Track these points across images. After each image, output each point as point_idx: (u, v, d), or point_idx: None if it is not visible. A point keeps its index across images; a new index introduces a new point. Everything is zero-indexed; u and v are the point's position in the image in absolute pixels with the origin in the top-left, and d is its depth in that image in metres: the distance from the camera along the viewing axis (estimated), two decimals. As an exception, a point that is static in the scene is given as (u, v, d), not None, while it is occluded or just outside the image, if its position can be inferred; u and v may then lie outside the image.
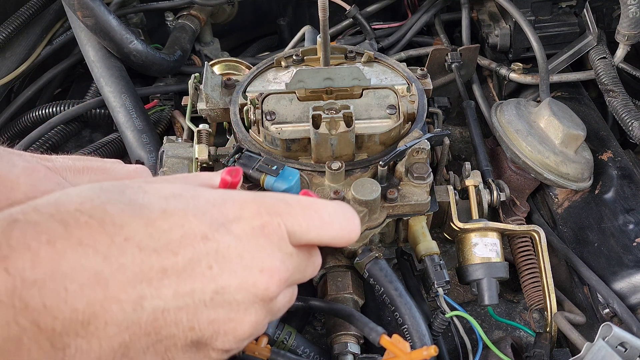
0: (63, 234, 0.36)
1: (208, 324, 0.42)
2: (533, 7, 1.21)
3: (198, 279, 0.41)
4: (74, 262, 0.36)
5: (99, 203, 0.39)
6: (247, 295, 0.43)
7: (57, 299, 0.35)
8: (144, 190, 0.42)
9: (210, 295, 0.41)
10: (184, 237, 0.41)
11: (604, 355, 0.68)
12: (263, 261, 0.44)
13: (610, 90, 1.05)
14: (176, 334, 0.41)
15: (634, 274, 0.84)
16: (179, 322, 0.40)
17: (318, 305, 0.78)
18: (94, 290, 0.36)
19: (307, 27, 1.22)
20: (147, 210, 0.40)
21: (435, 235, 0.95)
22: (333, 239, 0.50)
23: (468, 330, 0.77)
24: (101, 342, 0.37)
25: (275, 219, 0.46)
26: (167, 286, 0.39)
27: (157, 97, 1.23)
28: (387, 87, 0.86)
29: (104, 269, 0.37)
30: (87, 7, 1.05)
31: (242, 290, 0.43)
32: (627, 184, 0.96)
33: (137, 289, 0.38)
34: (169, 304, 0.39)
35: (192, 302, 0.41)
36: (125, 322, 0.38)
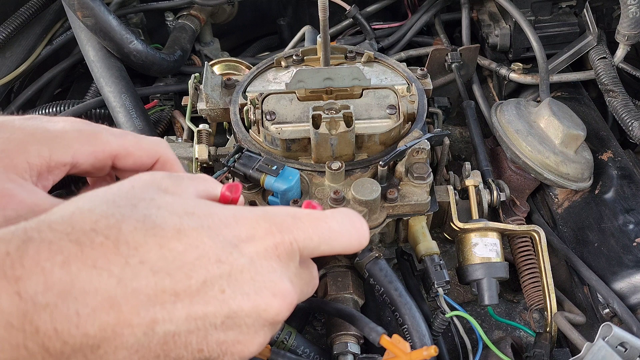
0: (78, 255, 0.36)
1: (217, 346, 0.42)
2: (533, 7, 1.21)
3: (211, 303, 0.41)
4: (88, 285, 0.35)
5: (114, 222, 0.38)
6: (258, 320, 0.44)
7: (69, 324, 0.34)
8: (157, 205, 0.42)
9: (222, 319, 0.41)
10: (198, 259, 0.40)
11: (604, 355, 0.68)
12: (275, 284, 0.44)
13: (610, 90, 1.05)
14: (185, 355, 0.40)
15: (634, 274, 0.84)
16: (189, 345, 0.40)
17: (318, 305, 0.78)
18: (106, 314, 0.36)
19: (307, 27, 1.22)
20: (162, 230, 0.40)
21: (435, 235, 0.95)
22: (344, 248, 0.50)
23: (468, 330, 0.77)
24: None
25: (287, 236, 0.46)
26: (179, 310, 0.39)
27: (157, 97, 1.23)
28: (387, 87, 0.86)
29: (118, 292, 0.36)
30: (87, 7, 1.05)
31: (254, 315, 0.43)
32: (627, 184, 0.96)
33: (149, 313, 0.38)
34: (180, 327, 0.39)
35: (203, 325, 0.40)
36: (136, 346, 0.37)
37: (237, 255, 0.43)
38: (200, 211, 0.44)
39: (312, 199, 0.79)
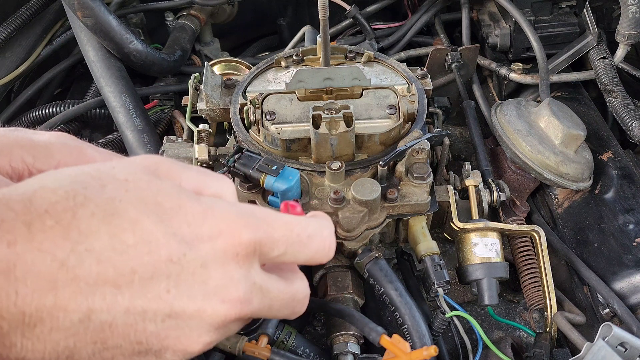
0: (26, 236, 0.36)
1: (157, 341, 0.41)
2: (533, 7, 1.21)
3: (153, 300, 0.40)
4: (30, 266, 0.36)
5: (71, 205, 0.38)
6: (202, 323, 0.43)
7: (7, 301, 0.35)
8: (126, 187, 0.41)
9: (162, 317, 0.41)
10: (148, 254, 0.40)
11: (604, 355, 0.68)
12: (227, 290, 0.43)
13: (610, 90, 1.05)
14: (123, 345, 0.40)
15: (634, 274, 0.84)
16: (126, 336, 0.40)
17: (318, 306, 0.78)
18: (44, 297, 0.36)
19: (307, 27, 1.22)
20: (118, 219, 0.40)
21: (435, 235, 0.95)
22: (308, 260, 0.49)
23: (468, 330, 0.77)
24: (46, 344, 0.37)
25: (253, 236, 0.44)
26: (118, 302, 0.39)
27: (157, 97, 1.23)
28: (387, 87, 0.86)
29: (59, 277, 0.37)
30: (87, 7, 1.05)
31: (197, 318, 0.42)
32: (627, 184, 0.96)
33: (87, 302, 0.38)
34: (117, 319, 0.39)
35: (142, 320, 0.40)
36: (72, 330, 0.38)
37: (192, 256, 0.42)
38: (169, 203, 0.43)
39: (312, 199, 0.79)
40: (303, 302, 0.52)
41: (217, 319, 0.43)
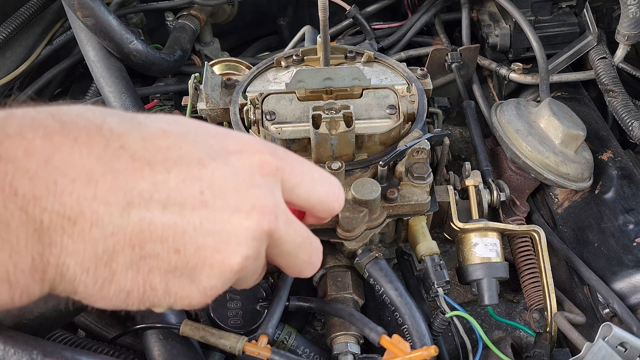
0: (60, 130, 0.36)
1: (195, 250, 0.41)
2: (533, 7, 1.21)
3: (188, 200, 0.40)
4: (68, 157, 0.36)
5: (99, 114, 0.39)
6: (239, 228, 0.42)
7: (47, 191, 0.35)
8: (146, 115, 0.43)
9: (200, 220, 0.40)
10: (180, 158, 0.41)
11: (604, 355, 0.68)
12: (257, 198, 0.43)
13: (610, 90, 1.05)
14: (161, 254, 0.39)
15: (634, 274, 0.84)
16: (165, 240, 0.39)
17: (318, 305, 0.78)
18: (84, 187, 0.36)
19: (307, 27, 1.22)
20: (147, 128, 0.41)
21: (435, 235, 0.95)
22: (320, 202, 0.50)
23: (468, 330, 0.77)
24: (86, 244, 0.37)
25: (275, 160, 0.45)
26: (156, 200, 0.39)
27: (157, 97, 1.23)
28: (387, 87, 0.86)
29: (97, 169, 0.37)
30: (87, 7, 1.04)
31: (234, 223, 0.42)
32: (627, 184, 0.96)
33: (126, 196, 0.38)
34: (156, 217, 0.39)
35: (180, 222, 0.40)
36: (111, 227, 0.37)
37: (222, 163, 0.42)
38: (191, 123, 0.44)
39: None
40: (319, 252, 0.52)
41: (252, 224, 0.43)
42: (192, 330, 0.67)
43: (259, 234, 0.43)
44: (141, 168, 0.39)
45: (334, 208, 0.51)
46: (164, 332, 0.68)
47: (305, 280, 0.89)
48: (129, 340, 0.78)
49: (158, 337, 0.67)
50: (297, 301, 0.78)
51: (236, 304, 0.76)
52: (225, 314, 0.75)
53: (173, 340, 0.67)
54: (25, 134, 0.35)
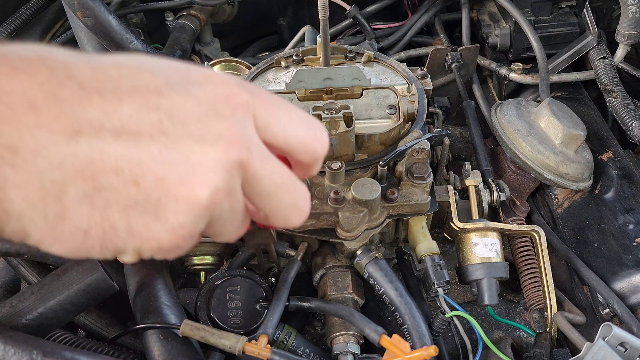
0: (2, 61, 0.34)
1: (155, 182, 0.37)
2: (533, 7, 1.21)
3: (145, 129, 0.37)
4: (6, 84, 0.34)
5: (46, 47, 0.37)
6: (205, 158, 0.38)
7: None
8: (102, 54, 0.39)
9: (159, 149, 0.37)
10: (134, 87, 0.37)
11: (604, 355, 0.68)
12: (225, 127, 0.39)
13: (610, 90, 1.05)
14: (117, 186, 0.36)
15: (634, 274, 0.84)
16: (120, 171, 0.36)
17: (318, 305, 0.78)
18: (24, 115, 0.34)
19: (307, 27, 1.22)
20: (97, 59, 0.38)
21: (435, 235, 0.95)
22: (300, 143, 0.45)
23: (468, 330, 0.77)
24: (30, 175, 0.34)
25: (244, 94, 0.41)
26: (107, 129, 0.36)
27: (157, 97, 1.23)
28: (387, 87, 0.86)
29: (39, 97, 0.34)
30: (87, 7, 1.04)
31: (198, 152, 0.38)
32: (627, 184, 0.96)
33: (73, 124, 0.35)
34: (108, 146, 0.36)
35: (136, 151, 0.36)
36: (58, 157, 0.34)
37: (182, 92, 0.39)
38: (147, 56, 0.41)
39: (312, 199, 0.79)
40: (305, 197, 0.47)
41: (219, 154, 0.39)
42: (192, 330, 0.67)
43: (229, 164, 0.39)
44: (89, 96, 0.36)
45: (317, 150, 0.46)
46: (164, 332, 0.68)
47: (305, 280, 0.90)
48: (129, 340, 0.78)
49: (158, 337, 0.67)
50: (297, 301, 0.78)
51: (236, 304, 0.76)
52: (225, 314, 0.75)
53: (173, 341, 0.67)
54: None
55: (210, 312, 0.75)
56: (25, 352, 0.58)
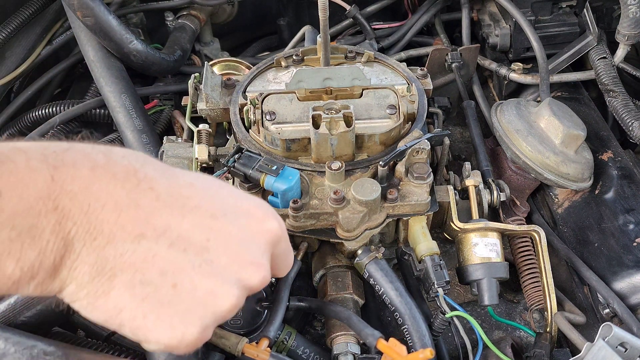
0: (104, 164, 0.44)
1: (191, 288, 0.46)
2: (533, 7, 1.21)
3: (195, 243, 0.46)
4: (104, 187, 0.44)
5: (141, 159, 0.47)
6: (233, 275, 0.48)
7: (80, 210, 0.43)
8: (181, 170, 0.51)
9: (200, 261, 0.46)
10: (196, 207, 0.47)
11: (604, 355, 0.68)
12: (255, 255, 0.50)
13: (611, 90, 1.05)
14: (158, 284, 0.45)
15: (634, 274, 0.84)
16: (165, 273, 0.45)
17: (317, 306, 0.78)
18: (109, 213, 0.43)
19: (307, 27, 1.22)
20: (176, 178, 0.48)
21: (435, 235, 0.95)
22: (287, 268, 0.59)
23: (468, 330, 0.77)
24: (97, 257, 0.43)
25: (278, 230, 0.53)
26: (166, 237, 0.45)
27: (157, 97, 1.23)
28: (387, 87, 0.86)
29: (124, 201, 0.44)
30: (87, 7, 1.04)
31: (230, 270, 0.48)
32: (627, 184, 0.96)
33: (141, 228, 0.44)
34: (161, 251, 0.45)
35: (182, 259, 0.45)
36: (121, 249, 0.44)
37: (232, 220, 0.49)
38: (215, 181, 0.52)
39: (312, 199, 0.78)
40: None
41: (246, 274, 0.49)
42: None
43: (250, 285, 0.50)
44: (161, 208, 0.46)
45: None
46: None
47: (305, 280, 0.90)
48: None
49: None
50: (297, 301, 0.78)
51: (236, 304, 0.76)
52: (225, 314, 0.75)
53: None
54: (77, 164, 0.43)
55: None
56: (25, 350, 0.58)
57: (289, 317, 0.82)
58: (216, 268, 0.47)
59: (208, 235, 0.47)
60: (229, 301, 0.48)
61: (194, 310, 0.46)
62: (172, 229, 0.46)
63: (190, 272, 0.46)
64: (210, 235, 0.47)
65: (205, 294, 0.46)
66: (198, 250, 0.46)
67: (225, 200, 0.50)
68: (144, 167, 0.46)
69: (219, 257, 0.47)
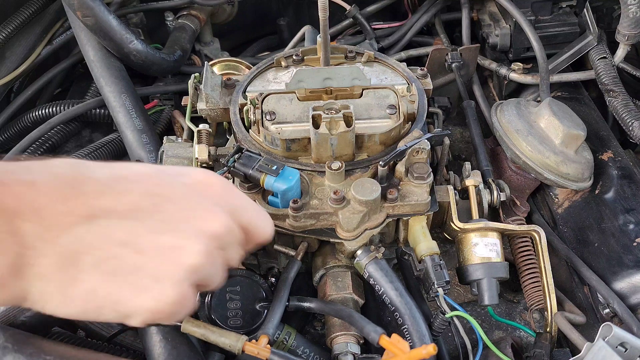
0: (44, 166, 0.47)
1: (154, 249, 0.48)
2: (533, 7, 1.21)
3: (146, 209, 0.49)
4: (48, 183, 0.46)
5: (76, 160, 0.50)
6: (192, 227, 0.50)
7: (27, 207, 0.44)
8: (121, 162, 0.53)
9: (156, 223, 0.48)
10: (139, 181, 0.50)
11: (604, 355, 0.68)
12: (207, 205, 0.52)
13: (611, 90, 1.05)
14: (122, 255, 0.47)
15: (634, 274, 0.84)
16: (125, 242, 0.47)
17: (318, 306, 0.78)
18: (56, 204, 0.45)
19: (307, 27, 1.22)
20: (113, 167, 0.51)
21: (435, 235, 0.95)
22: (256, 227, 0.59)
23: (468, 330, 0.77)
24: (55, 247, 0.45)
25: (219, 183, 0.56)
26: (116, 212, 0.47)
27: (157, 97, 1.23)
28: (387, 87, 0.86)
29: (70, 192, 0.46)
30: (87, 6, 1.04)
31: (187, 223, 0.50)
32: (627, 184, 0.96)
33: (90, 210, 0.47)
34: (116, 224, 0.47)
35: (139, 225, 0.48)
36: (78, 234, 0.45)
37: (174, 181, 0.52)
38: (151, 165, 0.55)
39: (312, 199, 0.78)
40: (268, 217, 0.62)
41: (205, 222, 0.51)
42: (193, 327, 0.67)
43: (213, 232, 0.51)
44: (105, 190, 0.48)
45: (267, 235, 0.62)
46: (165, 332, 0.68)
47: (305, 280, 0.90)
48: (129, 339, 0.78)
49: (159, 336, 0.67)
50: (297, 301, 0.78)
51: (236, 304, 0.76)
52: (224, 314, 0.75)
53: (174, 340, 0.67)
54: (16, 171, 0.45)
55: (210, 313, 0.75)
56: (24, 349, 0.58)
57: (288, 317, 0.83)
58: (172, 224, 0.49)
59: (155, 200, 0.49)
60: (195, 251, 0.49)
61: (163, 268, 0.48)
62: (120, 204, 0.48)
63: (149, 236, 0.48)
64: (158, 199, 0.49)
65: (169, 250, 0.48)
66: (150, 213, 0.48)
67: (163, 170, 0.54)
68: (82, 163, 0.49)
69: (173, 214, 0.49)
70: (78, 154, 1.08)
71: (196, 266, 0.49)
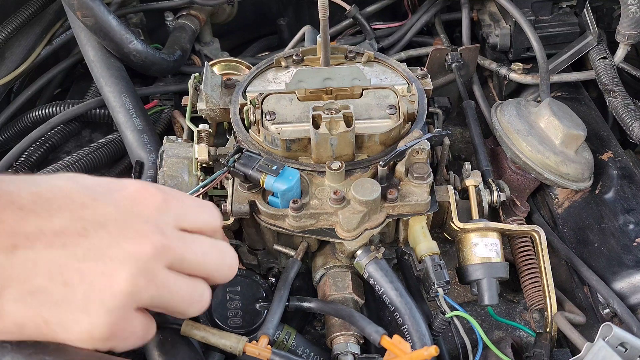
0: None
1: (81, 278, 0.45)
2: (533, 7, 1.21)
3: (72, 236, 0.46)
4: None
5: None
6: (120, 251, 0.47)
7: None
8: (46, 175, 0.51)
9: (83, 250, 0.46)
10: (64, 204, 0.47)
11: (604, 355, 0.68)
12: (138, 225, 0.49)
13: (611, 90, 1.05)
14: (48, 287, 0.44)
15: (634, 274, 0.84)
16: (51, 275, 0.44)
17: (318, 306, 0.78)
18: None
19: (307, 27, 1.22)
20: (37, 185, 0.48)
21: (435, 235, 0.95)
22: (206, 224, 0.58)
23: (468, 330, 0.77)
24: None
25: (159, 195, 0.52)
26: (41, 241, 0.45)
27: (157, 97, 1.23)
28: (387, 87, 0.86)
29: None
30: (87, 7, 1.04)
31: (115, 248, 0.47)
32: (627, 184, 0.96)
33: (12, 239, 0.44)
34: (40, 254, 0.44)
35: (64, 254, 0.45)
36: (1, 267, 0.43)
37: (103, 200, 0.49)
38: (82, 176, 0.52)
39: (312, 199, 0.78)
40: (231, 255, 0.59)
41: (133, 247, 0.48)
42: (193, 330, 0.67)
43: (144, 254, 0.48)
44: (26, 216, 0.45)
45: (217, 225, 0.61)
46: (165, 333, 0.67)
47: (305, 280, 0.90)
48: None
49: (158, 337, 0.67)
50: (297, 301, 0.78)
51: (236, 304, 0.76)
52: (225, 314, 0.75)
53: (173, 341, 0.67)
54: None
55: (210, 313, 0.75)
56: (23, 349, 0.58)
57: (288, 317, 0.83)
58: (100, 251, 0.46)
59: (82, 224, 0.47)
60: (123, 278, 0.46)
61: (91, 298, 0.45)
62: (44, 231, 0.45)
63: (76, 265, 0.45)
64: (85, 223, 0.47)
65: (96, 279, 0.45)
66: (76, 241, 0.46)
67: (93, 187, 0.50)
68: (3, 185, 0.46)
69: (100, 240, 0.47)
70: (78, 154, 1.08)
71: (129, 292, 0.47)
